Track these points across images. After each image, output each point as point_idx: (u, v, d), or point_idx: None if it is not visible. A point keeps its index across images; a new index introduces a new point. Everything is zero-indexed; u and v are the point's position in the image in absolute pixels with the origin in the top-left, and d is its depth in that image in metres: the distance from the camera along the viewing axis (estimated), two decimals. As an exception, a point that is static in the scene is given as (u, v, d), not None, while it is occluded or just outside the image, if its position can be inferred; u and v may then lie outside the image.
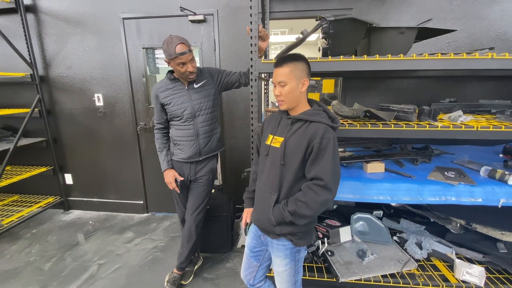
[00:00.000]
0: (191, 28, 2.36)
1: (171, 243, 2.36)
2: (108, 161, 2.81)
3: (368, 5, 2.16)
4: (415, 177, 1.56)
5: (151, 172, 2.79)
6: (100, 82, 2.59)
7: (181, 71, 1.48)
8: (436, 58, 1.30)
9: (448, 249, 1.85)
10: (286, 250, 1.17)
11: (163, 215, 2.87)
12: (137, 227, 2.64)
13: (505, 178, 1.44)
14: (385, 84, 2.31)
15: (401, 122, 1.46)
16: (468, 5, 2.08)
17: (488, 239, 1.83)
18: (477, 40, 2.13)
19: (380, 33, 1.50)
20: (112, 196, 2.91)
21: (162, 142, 1.69)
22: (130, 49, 2.48)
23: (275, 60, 1.17)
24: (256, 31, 1.37)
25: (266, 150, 1.21)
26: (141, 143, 2.72)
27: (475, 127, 1.38)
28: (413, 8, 2.12)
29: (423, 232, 2.01)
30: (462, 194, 1.43)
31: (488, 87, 2.20)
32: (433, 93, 2.26)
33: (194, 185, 1.73)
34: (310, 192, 1.04)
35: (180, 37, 1.45)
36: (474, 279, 1.61)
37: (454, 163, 1.82)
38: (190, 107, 1.57)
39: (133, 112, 2.62)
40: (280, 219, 1.10)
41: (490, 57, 1.28)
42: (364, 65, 1.33)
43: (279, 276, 1.23)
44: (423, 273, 1.71)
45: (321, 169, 1.03)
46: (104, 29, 2.46)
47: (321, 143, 1.04)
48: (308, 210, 1.05)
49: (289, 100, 1.13)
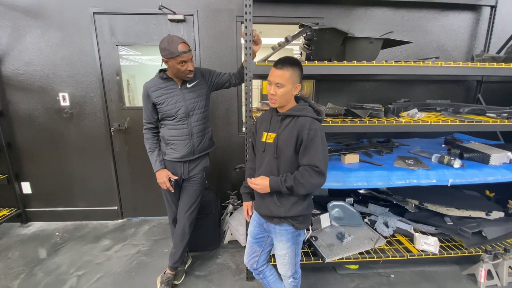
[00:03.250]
0: (170, 27, 2.34)
1: (154, 246, 2.30)
2: (75, 166, 2.59)
3: (336, 16, 2.42)
4: (384, 165, 1.82)
5: (126, 176, 2.66)
6: (66, 80, 2.39)
7: (181, 69, 1.50)
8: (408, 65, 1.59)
9: (408, 226, 2.19)
10: (288, 234, 1.30)
11: (140, 220, 2.76)
12: (113, 234, 2.50)
13: (451, 163, 1.79)
14: (351, 86, 2.61)
15: (373, 119, 1.70)
16: (416, 20, 2.48)
17: (437, 215, 2.22)
18: (422, 50, 2.55)
19: (354, 42, 1.73)
20: (80, 203, 2.69)
21: (153, 142, 1.67)
22: (102, 46, 2.34)
23: (275, 61, 1.25)
24: (250, 35, 1.47)
25: (262, 146, 1.32)
26: (115, 145, 2.58)
27: (429, 122, 1.69)
28: (373, 21, 2.45)
29: (388, 213, 2.33)
30: (421, 177, 1.73)
31: (431, 89, 2.64)
32: (389, 94, 2.62)
33: (187, 183, 1.75)
34: (307, 174, 1.16)
35: (179, 36, 1.48)
36: (430, 248, 1.95)
37: (411, 153, 2.16)
38: (184, 106, 1.59)
39: (106, 112, 2.47)
40: (276, 188, 1.21)
41: (439, 65, 1.59)
42: (348, 69, 1.54)
43: (281, 259, 1.35)
44: (391, 248, 2.00)
45: (314, 157, 1.16)
46: (71, 23, 2.28)
47: (309, 134, 1.16)
48: (303, 190, 1.18)
49: (281, 100, 1.24)
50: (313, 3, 2.37)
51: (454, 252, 1.95)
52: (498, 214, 2.17)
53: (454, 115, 1.95)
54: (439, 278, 1.96)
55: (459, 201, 2.25)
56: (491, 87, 2.63)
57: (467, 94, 2.69)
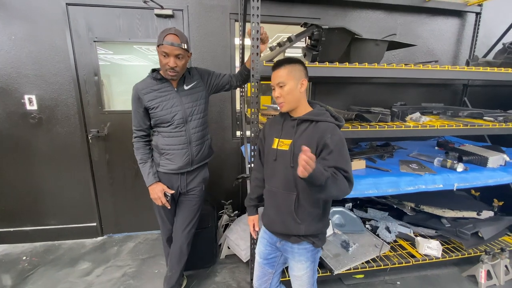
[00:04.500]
0: (157, 23, 2.12)
1: (142, 267, 2.06)
2: (45, 179, 2.26)
3: (332, 17, 2.36)
4: (391, 170, 1.78)
5: (106, 187, 2.38)
6: (33, 80, 2.07)
7: (162, 61, 1.33)
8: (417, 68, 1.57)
9: (408, 229, 2.18)
10: (308, 253, 1.17)
11: (124, 236, 2.48)
12: (93, 254, 2.21)
13: (454, 167, 1.79)
14: (347, 89, 2.57)
15: (382, 123, 1.65)
16: (407, 25, 2.50)
17: (434, 217, 2.23)
18: (414, 53, 2.58)
19: (360, 43, 1.66)
20: (52, 221, 2.35)
21: (145, 152, 1.46)
22: (77, 42, 2.06)
23: (273, 64, 1.17)
24: (257, 33, 1.33)
25: (274, 154, 1.19)
26: (92, 154, 2.29)
27: (436, 126, 1.67)
28: (368, 23, 2.42)
29: (388, 218, 2.31)
30: (428, 182, 1.70)
31: (421, 92, 2.68)
32: (383, 97, 2.62)
33: (184, 198, 1.56)
34: (340, 176, 1.00)
35: (180, 31, 1.32)
36: (433, 252, 1.94)
37: (410, 157, 2.15)
38: (182, 111, 1.41)
39: (82, 117, 2.18)
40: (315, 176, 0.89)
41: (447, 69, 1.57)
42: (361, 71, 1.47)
43: (299, 280, 1.22)
44: (395, 254, 1.96)
45: (341, 161, 1.03)
46: (39, 15, 1.97)
47: (332, 139, 1.05)
48: (335, 190, 0.98)
49: (289, 101, 1.13)
50: (309, 3, 2.29)
51: (455, 255, 1.96)
52: (488, 214, 2.23)
53: (452, 119, 1.96)
54: (442, 282, 1.95)
55: (452, 202, 2.28)
56: (475, 90, 2.73)
57: (454, 97, 2.77)
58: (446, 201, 2.27)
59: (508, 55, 1.75)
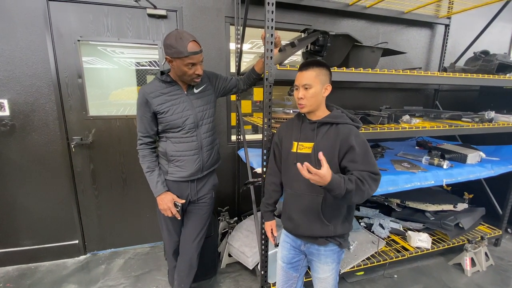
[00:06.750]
0: (149, 23, 2.02)
1: (138, 284, 1.91)
2: (18, 193, 1.99)
3: (322, 24, 2.45)
4: (388, 169, 1.88)
5: (91, 200, 2.17)
6: (5, 83, 1.82)
7: (188, 72, 1.25)
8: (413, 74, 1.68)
9: (397, 225, 2.32)
10: (334, 254, 1.19)
11: (110, 253, 2.28)
12: (77, 276, 1.99)
13: (441, 164, 1.95)
14: (333, 93, 2.67)
15: (383, 126, 1.74)
16: (388, 34, 2.70)
17: (420, 211, 2.41)
18: (393, 60, 2.79)
19: (358, 50, 1.75)
20: (26, 241, 2.07)
21: (152, 160, 1.36)
22: (58, 41, 1.87)
23: (300, 64, 1.19)
24: (272, 37, 1.34)
25: (294, 158, 1.19)
26: (75, 164, 2.07)
27: (427, 127, 1.81)
28: (354, 32, 2.56)
29: (380, 215, 2.44)
30: (422, 179, 1.83)
31: (399, 96, 2.90)
32: (366, 101, 2.78)
33: (194, 206, 1.48)
34: (370, 182, 1.02)
35: (189, 33, 1.23)
36: (424, 244, 2.09)
37: (399, 156, 2.30)
38: (193, 115, 1.35)
39: (63, 123, 1.97)
40: (333, 187, 0.94)
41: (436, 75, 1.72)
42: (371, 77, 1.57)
43: (323, 282, 1.23)
44: (391, 249, 2.07)
45: (370, 163, 1.05)
46: (14, 10, 1.75)
47: (357, 141, 1.07)
48: (359, 198, 1.01)
49: (310, 103, 1.15)
50: (300, 10, 2.36)
51: (442, 245, 2.13)
52: (463, 206, 2.46)
53: (435, 120, 2.15)
54: (433, 271, 2.11)
55: (431, 196, 2.48)
56: (445, 94, 3.03)
57: (426, 100, 3.04)
58: (426, 196, 2.46)
59: (483, 62, 1.97)
